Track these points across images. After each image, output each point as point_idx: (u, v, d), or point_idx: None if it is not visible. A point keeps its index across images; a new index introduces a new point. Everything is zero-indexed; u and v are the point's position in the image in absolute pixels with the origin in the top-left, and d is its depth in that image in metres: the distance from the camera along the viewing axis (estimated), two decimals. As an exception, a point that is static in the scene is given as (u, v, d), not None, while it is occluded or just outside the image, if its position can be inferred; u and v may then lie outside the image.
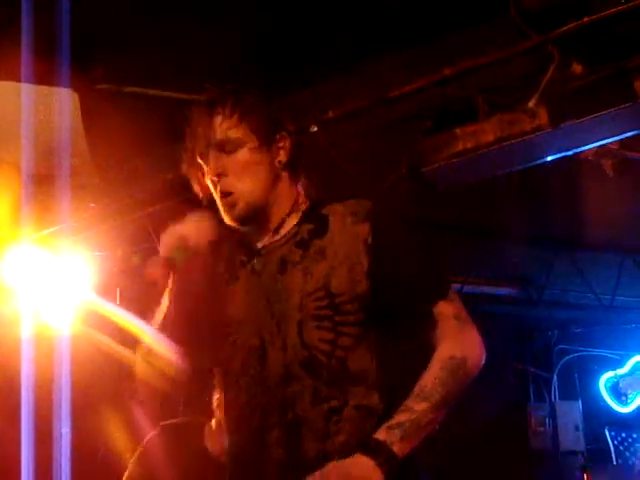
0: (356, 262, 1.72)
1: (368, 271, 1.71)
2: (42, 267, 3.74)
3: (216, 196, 1.79)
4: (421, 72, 2.93)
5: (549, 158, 3.19)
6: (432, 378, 1.66)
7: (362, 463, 1.59)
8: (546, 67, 2.73)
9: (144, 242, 3.88)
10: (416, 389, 1.66)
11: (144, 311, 1.83)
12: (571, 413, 6.13)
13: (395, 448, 1.60)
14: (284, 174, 1.81)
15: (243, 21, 2.91)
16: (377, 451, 1.59)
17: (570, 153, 3.12)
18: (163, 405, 1.82)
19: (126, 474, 3.32)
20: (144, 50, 3.04)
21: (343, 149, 3.25)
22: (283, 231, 1.81)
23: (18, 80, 3.11)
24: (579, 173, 3.98)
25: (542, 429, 6.14)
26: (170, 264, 1.72)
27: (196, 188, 1.83)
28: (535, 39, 2.66)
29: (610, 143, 3.16)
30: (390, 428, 1.62)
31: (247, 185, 1.76)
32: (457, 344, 1.68)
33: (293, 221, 1.81)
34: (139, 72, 3.21)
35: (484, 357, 1.72)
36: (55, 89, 3.20)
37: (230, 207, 1.77)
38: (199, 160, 1.78)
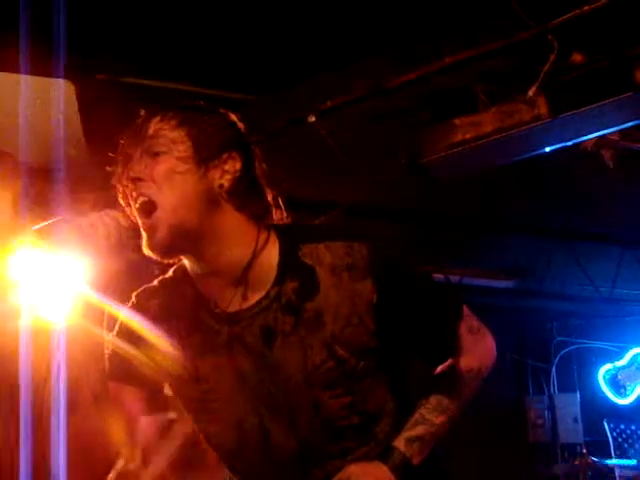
0: (360, 323, 1.53)
1: (376, 330, 1.54)
2: (39, 259, 3.72)
3: (135, 211, 1.49)
4: (420, 62, 2.92)
5: (548, 148, 3.18)
6: (450, 391, 1.64)
7: (381, 470, 1.57)
8: (546, 57, 2.72)
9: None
10: (433, 400, 1.63)
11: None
12: (570, 405, 6.14)
13: (414, 461, 1.60)
14: (227, 204, 1.50)
15: (242, 13, 2.90)
16: (396, 462, 1.58)
17: (570, 143, 3.11)
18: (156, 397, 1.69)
19: None
20: (141, 40, 3.03)
21: (341, 141, 3.24)
22: (260, 290, 1.52)
23: (15, 71, 3.10)
24: (579, 164, 3.97)
25: (541, 421, 6.15)
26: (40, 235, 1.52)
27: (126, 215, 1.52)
28: (535, 28, 2.65)
29: (610, 133, 3.15)
30: (410, 440, 1.60)
31: (167, 198, 1.46)
32: (473, 357, 1.65)
33: (268, 274, 1.52)
34: (137, 62, 3.19)
35: (495, 355, 1.71)
36: (52, 80, 3.18)
37: (150, 232, 1.47)
38: (127, 164, 1.50)
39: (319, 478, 1.59)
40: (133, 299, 1.65)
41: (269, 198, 1.58)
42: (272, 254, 1.54)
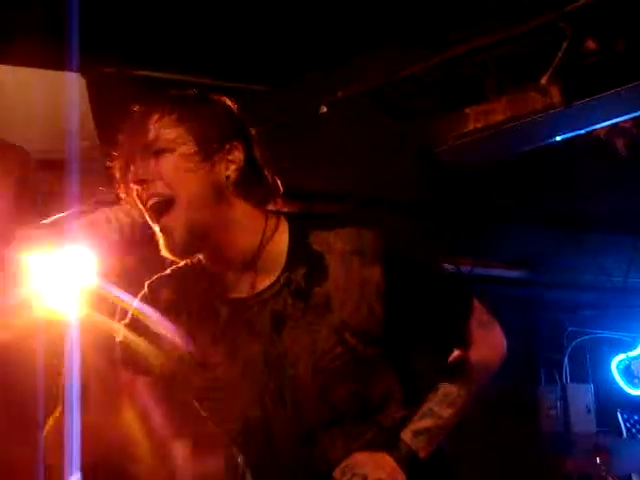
0: (369, 309, 1.53)
1: (384, 317, 1.53)
2: (50, 253, 3.73)
3: (146, 213, 1.48)
4: (431, 51, 2.90)
5: (560, 137, 3.16)
6: (458, 384, 1.64)
7: (387, 461, 1.57)
8: (559, 44, 2.70)
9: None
10: (440, 393, 1.63)
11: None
12: (582, 396, 6.11)
13: (421, 454, 1.59)
14: (235, 194, 1.51)
15: (253, 4, 2.89)
16: (403, 454, 1.58)
17: (582, 132, 3.09)
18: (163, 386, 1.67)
19: None
20: (151, 33, 3.02)
21: (352, 131, 3.23)
22: (270, 276, 1.53)
23: (27, 65, 3.10)
24: (591, 153, 3.95)
25: (553, 412, 6.12)
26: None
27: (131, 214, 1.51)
28: (548, 15, 2.63)
29: (623, 121, 3.13)
30: (416, 433, 1.59)
31: (178, 196, 1.45)
32: (483, 350, 1.65)
33: (278, 261, 1.53)
34: (148, 55, 3.19)
35: (506, 350, 1.69)
36: (63, 73, 3.19)
37: (167, 231, 1.47)
38: (130, 166, 1.49)
39: (323, 466, 1.58)
40: (145, 288, 1.65)
41: (270, 179, 1.57)
42: (282, 241, 1.54)
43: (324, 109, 2.96)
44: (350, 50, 3.10)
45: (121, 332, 1.64)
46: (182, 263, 1.62)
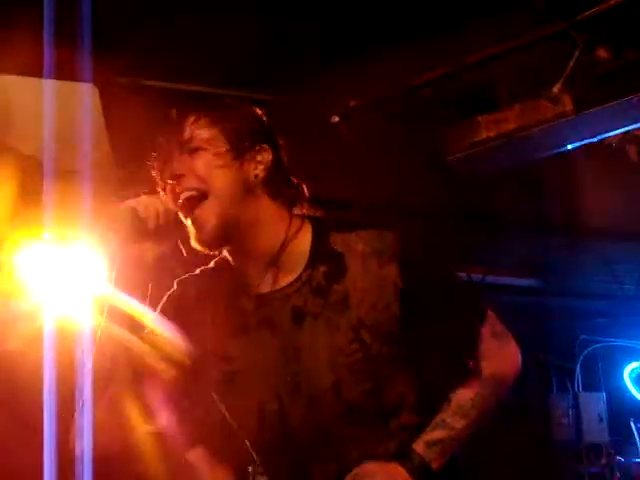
0: (386, 308, 1.58)
1: (401, 316, 1.59)
2: (62, 262, 3.75)
3: (179, 208, 1.57)
4: (443, 60, 2.91)
5: (572, 145, 3.16)
6: (472, 396, 1.64)
7: (398, 471, 1.57)
8: (570, 53, 2.70)
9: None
10: (453, 405, 1.63)
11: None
12: (595, 404, 6.07)
13: (433, 465, 1.59)
14: (262, 192, 1.60)
15: (264, 11, 2.90)
16: (414, 465, 1.58)
17: (594, 140, 3.08)
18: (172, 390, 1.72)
19: None
20: (164, 43, 3.04)
21: (364, 139, 3.23)
22: (292, 273, 1.60)
23: (39, 75, 3.12)
24: (603, 161, 3.94)
25: (565, 420, 6.08)
26: (113, 216, 1.55)
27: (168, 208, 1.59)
28: (559, 24, 2.63)
29: (635, 129, 3.12)
30: (429, 444, 1.60)
31: (211, 191, 1.56)
32: (497, 361, 1.66)
33: (300, 259, 1.61)
34: (160, 65, 3.20)
35: (520, 365, 1.70)
36: (76, 83, 3.21)
37: (198, 224, 1.56)
38: (166, 166, 1.60)
39: (336, 464, 1.60)
40: (175, 285, 1.74)
41: (295, 185, 1.67)
42: (304, 241, 1.63)
43: (336, 119, 2.96)
44: (362, 59, 3.10)
45: (145, 327, 1.68)
46: (211, 264, 1.72)
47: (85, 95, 3.23)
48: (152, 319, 1.66)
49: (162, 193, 1.61)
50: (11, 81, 3.29)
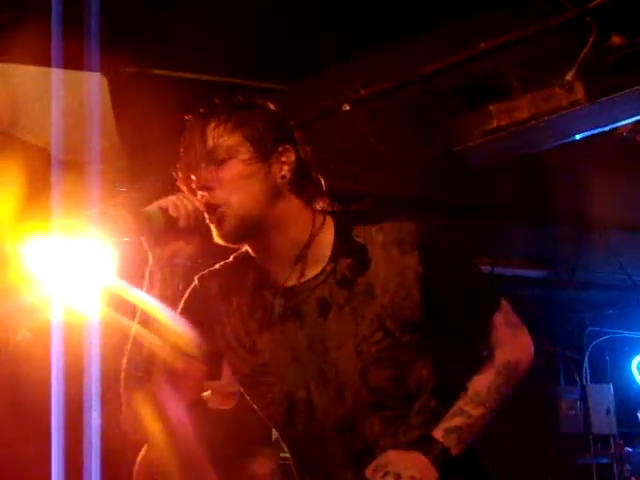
0: (407, 294, 1.62)
1: (421, 302, 1.62)
2: (70, 254, 3.73)
3: (205, 214, 1.61)
4: (454, 48, 2.89)
5: (582, 135, 3.13)
6: (488, 383, 1.66)
7: (420, 459, 1.59)
8: (584, 41, 2.67)
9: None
10: (470, 393, 1.66)
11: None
12: (603, 396, 6.07)
13: (453, 451, 1.61)
14: (289, 192, 1.62)
15: (276, 1, 2.88)
16: (435, 452, 1.60)
17: (607, 129, 3.06)
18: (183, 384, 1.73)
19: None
20: (173, 32, 3.02)
21: (375, 128, 3.22)
22: (317, 266, 1.63)
23: (47, 65, 3.11)
24: (611, 152, 3.92)
25: (573, 412, 6.09)
26: (142, 218, 1.54)
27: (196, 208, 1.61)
28: (573, 11, 2.60)
29: (647, 118, 3.10)
30: (447, 431, 1.62)
31: (236, 200, 1.57)
32: (511, 350, 1.68)
33: (324, 253, 1.64)
34: (168, 54, 3.19)
35: (533, 356, 1.71)
36: (84, 73, 3.19)
37: (218, 222, 1.58)
38: (191, 175, 1.61)
39: (361, 448, 1.63)
40: (196, 281, 1.74)
41: (316, 179, 1.68)
42: (328, 235, 1.66)
43: (347, 107, 2.94)
44: (372, 47, 3.09)
45: (172, 322, 1.68)
46: (231, 258, 1.74)
47: (93, 85, 3.22)
48: (165, 314, 1.64)
49: (186, 190, 1.62)
50: (19, 71, 3.27)
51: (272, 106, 1.68)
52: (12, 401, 4.31)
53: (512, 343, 1.69)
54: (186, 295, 1.71)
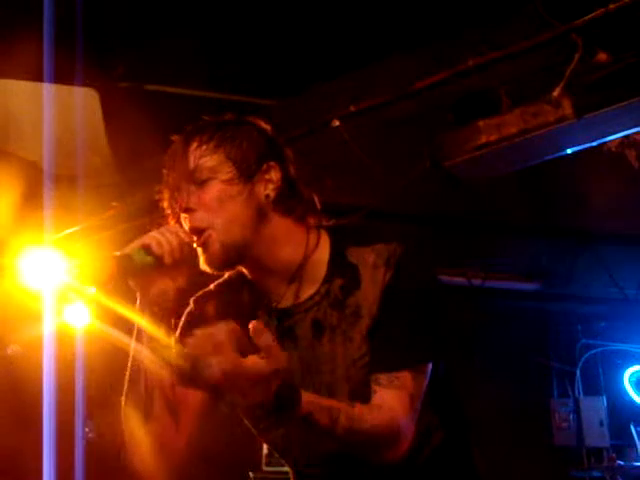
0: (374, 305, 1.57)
1: (375, 316, 1.56)
2: (61, 267, 3.75)
3: (187, 229, 1.56)
4: (443, 65, 2.91)
5: (572, 150, 3.15)
6: (369, 421, 1.49)
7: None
8: (570, 57, 2.69)
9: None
10: (357, 410, 1.49)
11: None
12: (595, 409, 6.06)
13: (299, 410, 1.41)
14: (275, 212, 1.58)
15: (262, 17, 2.90)
16: (287, 391, 1.40)
17: (595, 144, 3.08)
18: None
19: None
20: (165, 47, 3.04)
21: (365, 144, 3.23)
22: (312, 287, 1.60)
23: (39, 79, 3.12)
24: (602, 164, 3.94)
25: (566, 425, 6.08)
26: (125, 261, 1.48)
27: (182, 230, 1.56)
28: (559, 28, 2.63)
29: (635, 133, 3.12)
30: (318, 401, 1.45)
31: (219, 222, 1.53)
32: (400, 417, 1.51)
33: (319, 272, 1.60)
34: (160, 69, 3.20)
35: (401, 453, 1.54)
36: (76, 88, 3.21)
37: (204, 246, 1.54)
38: (175, 195, 1.57)
39: (358, 472, 1.59)
40: (191, 304, 1.72)
41: (307, 196, 1.64)
42: (323, 254, 1.62)
43: (336, 123, 2.96)
44: (361, 63, 3.11)
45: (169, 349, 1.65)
46: (225, 276, 1.70)
47: (85, 100, 3.23)
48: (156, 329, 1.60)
49: (173, 223, 1.58)
50: (11, 86, 3.28)
51: (262, 123, 1.64)
52: (6, 412, 4.32)
53: (405, 413, 1.52)
54: (182, 319, 1.69)
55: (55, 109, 3.27)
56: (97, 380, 4.11)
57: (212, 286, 1.72)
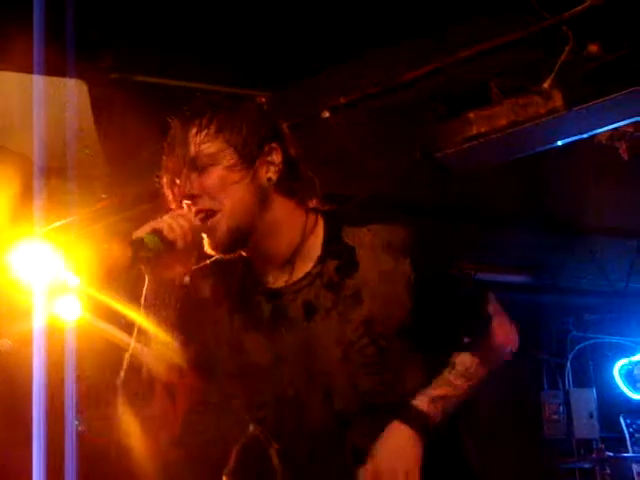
0: (398, 301, 1.60)
1: (413, 308, 1.61)
2: (52, 260, 3.73)
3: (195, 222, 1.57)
4: (434, 56, 2.90)
5: (563, 142, 3.16)
6: (477, 360, 1.67)
7: (404, 433, 1.56)
8: (561, 49, 2.70)
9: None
10: (459, 366, 1.66)
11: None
12: (585, 401, 6.09)
13: (436, 420, 1.60)
14: (277, 194, 1.59)
15: (253, 8, 2.89)
16: (419, 422, 1.58)
17: (585, 136, 3.09)
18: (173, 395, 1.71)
19: None
20: (154, 38, 3.03)
21: (355, 135, 3.23)
22: (304, 268, 1.61)
23: (29, 71, 3.10)
24: (593, 158, 3.95)
25: (556, 417, 6.11)
26: (138, 245, 1.49)
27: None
28: (549, 20, 2.63)
29: (625, 125, 3.13)
30: (433, 400, 1.61)
31: (224, 206, 1.54)
32: (498, 333, 1.69)
33: (313, 254, 1.61)
34: (149, 61, 3.19)
35: (517, 339, 1.74)
36: (65, 80, 3.19)
37: (210, 232, 1.56)
38: (176, 180, 1.57)
39: (352, 454, 1.61)
40: (187, 279, 1.69)
41: (307, 177, 1.65)
42: (318, 236, 1.63)
43: (327, 114, 2.96)
44: (352, 54, 3.10)
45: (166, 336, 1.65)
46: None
47: (74, 92, 3.21)
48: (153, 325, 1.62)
49: (174, 208, 1.59)
50: (0, 77, 3.26)
51: (261, 100, 1.69)
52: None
53: (499, 328, 1.69)
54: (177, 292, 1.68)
55: (45, 101, 3.25)
56: (88, 373, 4.11)
57: (209, 261, 1.72)
